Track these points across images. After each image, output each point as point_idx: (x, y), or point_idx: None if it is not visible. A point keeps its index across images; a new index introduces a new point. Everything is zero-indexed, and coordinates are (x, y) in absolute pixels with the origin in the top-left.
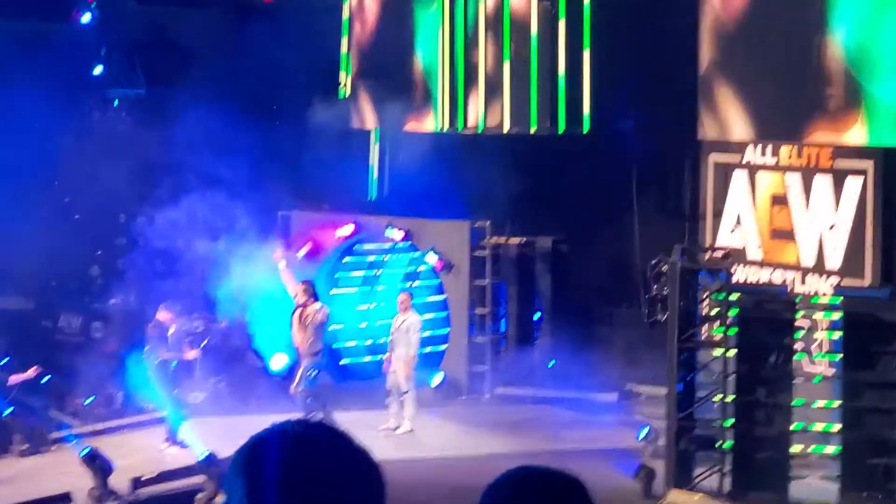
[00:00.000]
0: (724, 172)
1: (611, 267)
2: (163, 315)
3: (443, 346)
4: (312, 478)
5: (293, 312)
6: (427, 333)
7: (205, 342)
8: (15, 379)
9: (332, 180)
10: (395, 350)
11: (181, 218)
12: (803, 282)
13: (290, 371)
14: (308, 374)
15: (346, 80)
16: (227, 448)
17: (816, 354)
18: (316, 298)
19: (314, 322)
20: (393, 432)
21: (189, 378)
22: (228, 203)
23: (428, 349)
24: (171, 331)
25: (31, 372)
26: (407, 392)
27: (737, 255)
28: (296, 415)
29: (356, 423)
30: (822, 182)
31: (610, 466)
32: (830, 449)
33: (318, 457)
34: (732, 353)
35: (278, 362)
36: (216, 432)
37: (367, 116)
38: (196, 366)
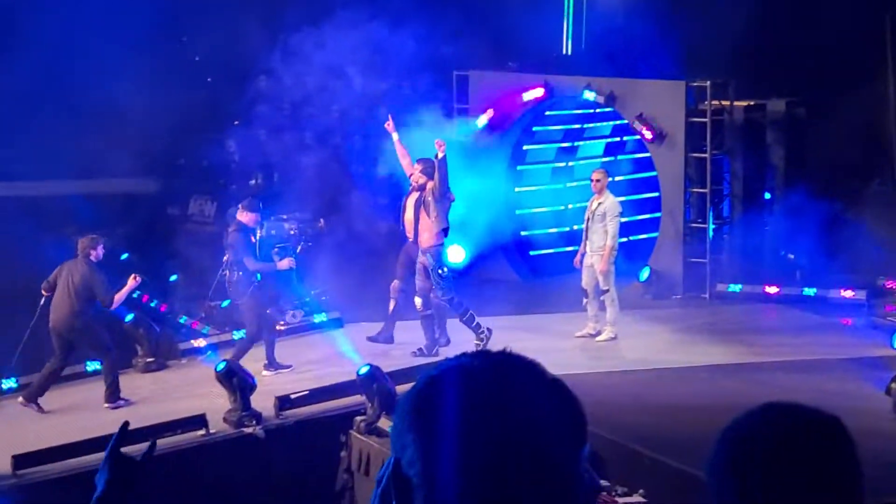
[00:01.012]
0: None
1: (859, 135)
2: (245, 216)
3: (653, 235)
4: (500, 431)
5: (406, 196)
6: (625, 220)
7: (300, 248)
8: (131, 286)
9: (518, 32)
10: (590, 240)
11: (335, 78)
12: None
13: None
14: (439, 273)
15: None
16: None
17: None
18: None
19: (434, 207)
20: (593, 339)
21: (285, 292)
22: (390, 61)
23: (631, 238)
24: (256, 236)
25: (130, 283)
26: (607, 291)
27: None
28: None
29: (548, 329)
30: None
31: (856, 379)
32: None
33: (506, 399)
34: None
35: (456, 254)
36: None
37: None
38: (292, 277)
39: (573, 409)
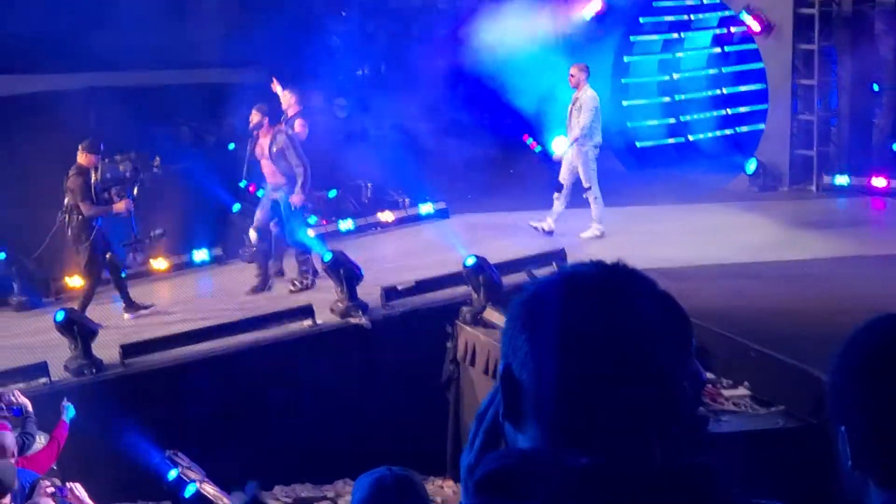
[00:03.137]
0: None
1: None
2: (84, 158)
3: (759, 127)
4: (611, 335)
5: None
6: (730, 111)
7: (136, 190)
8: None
9: None
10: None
11: None
12: None
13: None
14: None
15: None
16: None
17: None
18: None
19: (278, 149)
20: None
21: (125, 235)
22: None
23: (738, 130)
24: (93, 179)
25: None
26: (589, 189)
27: None
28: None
29: (655, 219)
30: None
31: None
32: None
33: (616, 306)
34: None
35: (559, 145)
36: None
37: None
38: (132, 220)
39: (681, 321)
